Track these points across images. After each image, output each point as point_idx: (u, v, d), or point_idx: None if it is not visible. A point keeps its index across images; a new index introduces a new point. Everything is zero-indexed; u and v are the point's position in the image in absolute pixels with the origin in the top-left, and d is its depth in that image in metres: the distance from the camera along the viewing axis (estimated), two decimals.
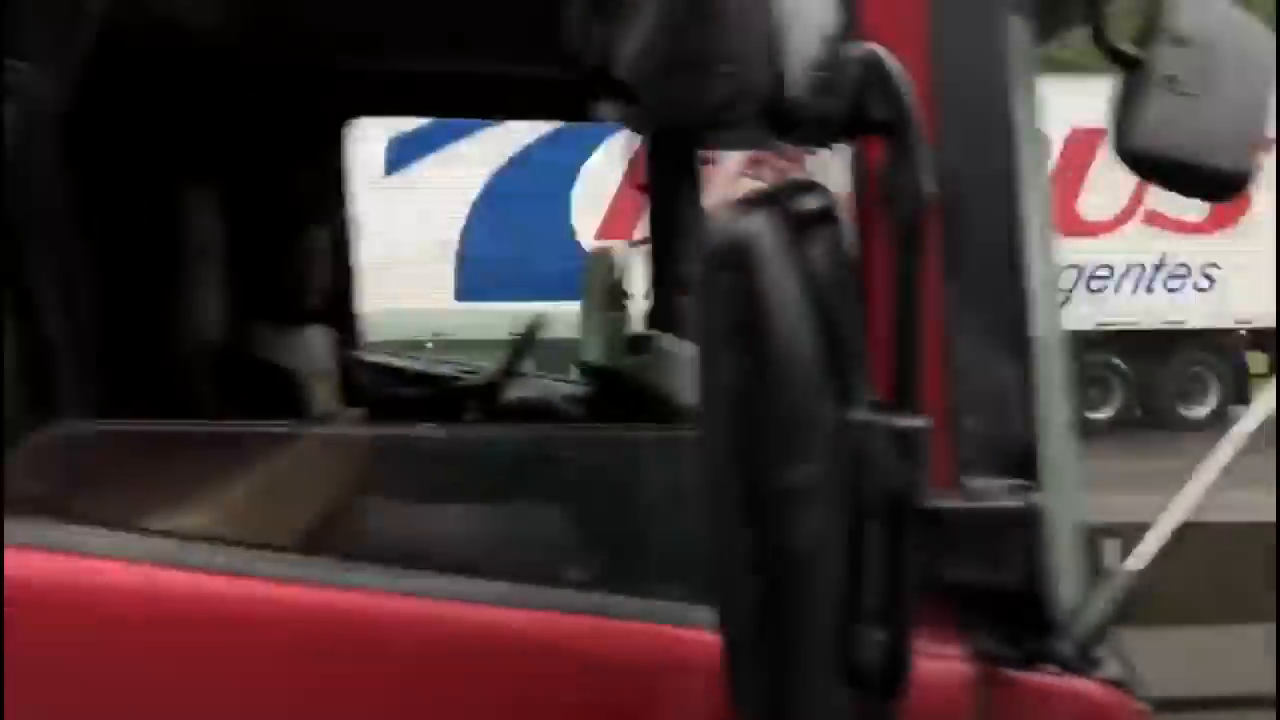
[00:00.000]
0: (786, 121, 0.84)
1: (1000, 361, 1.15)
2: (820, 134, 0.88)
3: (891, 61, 0.89)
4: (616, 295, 3.31)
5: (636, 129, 3.06)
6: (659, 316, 3.15)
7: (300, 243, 2.81)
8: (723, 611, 0.85)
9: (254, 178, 2.80)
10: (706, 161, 3.07)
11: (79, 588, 1.06)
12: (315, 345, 2.88)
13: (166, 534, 1.13)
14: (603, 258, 3.47)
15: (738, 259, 0.83)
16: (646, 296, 3.26)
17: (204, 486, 1.39)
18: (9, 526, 1.05)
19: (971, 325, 1.15)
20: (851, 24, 0.91)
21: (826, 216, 0.91)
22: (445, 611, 1.12)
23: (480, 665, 1.12)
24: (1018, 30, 1.20)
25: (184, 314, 2.47)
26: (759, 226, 0.84)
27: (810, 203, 0.91)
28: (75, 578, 1.06)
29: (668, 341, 2.73)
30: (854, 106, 0.88)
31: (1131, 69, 1.15)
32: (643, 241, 3.37)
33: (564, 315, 3.51)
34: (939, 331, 1.13)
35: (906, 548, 0.91)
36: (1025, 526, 1.11)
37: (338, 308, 2.98)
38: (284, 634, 1.08)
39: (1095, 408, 12.88)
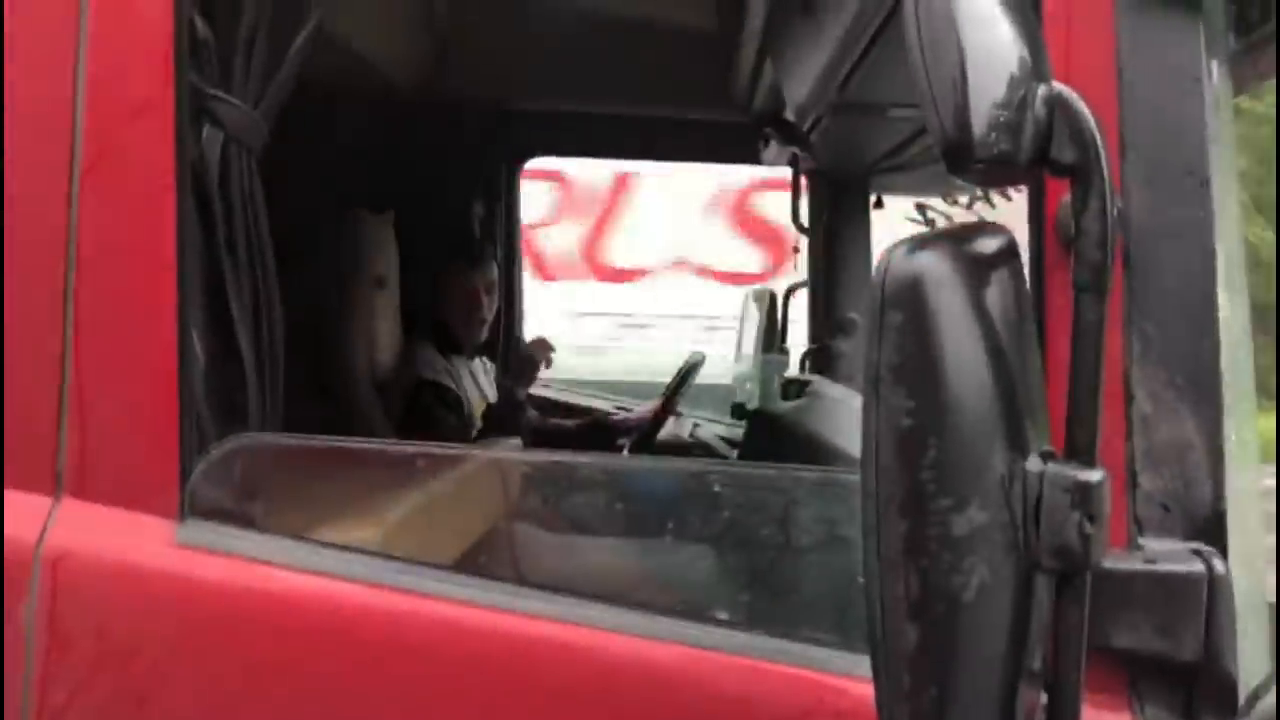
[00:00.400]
0: (969, 161, 0.82)
1: (1185, 417, 1.09)
2: (1004, 175, 0.86)
3: (1079, 103, 0.87)
4: (773, 338, 3.30)
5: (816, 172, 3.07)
6: (818, 361, 3.12)
7: (472, 276, 2.91)
8: (879, 658, 0.83)
9: (427, 211, 2.93)
10: (875, 205, 3.04)
11: (254, 592, 1.11)
12: (480, 376, 2.97)
13: (340, 547, 1.17)
14: (761, 298, 3.47)
15: (911, 295, 0.81)
16: (806, 340, 3.24)
17: (373, 502, 1.44)
18: (193, 529, 1.12)
19: (1155, 377, 1.09)
20: (1040, 65, 0.89)
21: (1005, 258, 0.89)
22: (598, 640, 1.13)
23: (628, 697, 1.12)
24: (1215, 76, 1.16)
25: (361, 338, 2.59)
26: (934, 263, 0.82)
27: (988, 244, 0.88)
28: (252, 583, 1.11)
29: (826, 386, 2.70)
30: (1039, 148, 0.86)
31: None
32: (802, 284, 3.36)
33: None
34: (1120, 382, 1.09)
35: (1079, 607, 0.87)
36: (1206, 594, 1.04)
37: (504, 340, 3.07)
38: (445, 652, 1.11)
39: None
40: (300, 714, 1.09)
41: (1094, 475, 0.84)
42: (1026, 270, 0.93)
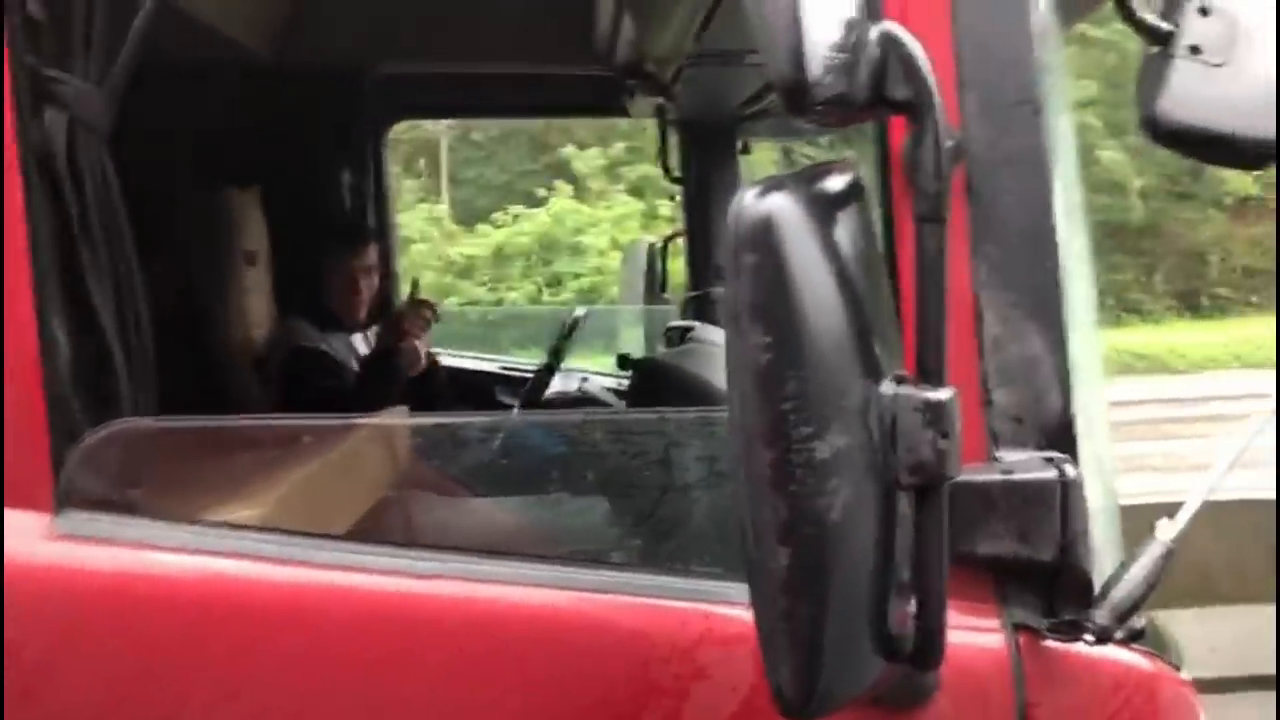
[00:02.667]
0: (808, 103, 0.85)
1: (1031, 334, 1.16)
2: (843, 115, 0.90)
3: (910, 40, 0.91)
4: (654, 287, 3.35)
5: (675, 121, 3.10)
6: (698, 307, 3.17)
7: (350, 260, 2.86)
8: (755, 583, 0.87)
9: (297, 182, 2.87)
10: (743, 151, 3.09)
11: (141, 577, 1.10)
12: (363, 349, 2.94)
13: (222, 525, 1.17)
14: (640, 251, 3.51)
15: (763, 237, 0.85)
16: (685, 288, 3.29)
17: (256, 479, 1.44)
18: (71, 519, 1.10)
19: (1001, 299, 1.16)
20: (875, 6, 0.92)
21: (851, 195, 0.93)
22: (491, 593, 1.15)
23: (526, 645, 1.15)
24: (1044, 6, 1.21)
25: (235, 315, 2.54)
26: (783, 205, 0.86)
27: (835, 182, 0.92)
28: (135, 568, 1.10)
29: (707, 331, 2.75)
30: (875, 87, 0.90)
31: (1157, 41, 1.15)
32: (679, 234, 3.41)
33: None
34: (970, 305, 1.14)
35: (938, 520, 0.92)
36: (1060, 499, 1.12)
37: (379, 310, 3.04)
38: (338, 618, 1.12)
39: None
40: (192, 692, 1.09)
41: (943, 394, 0.90)
42: (875, 205, 0.98)
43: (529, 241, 22.31)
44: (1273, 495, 4.57)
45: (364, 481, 1.82)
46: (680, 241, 3.38)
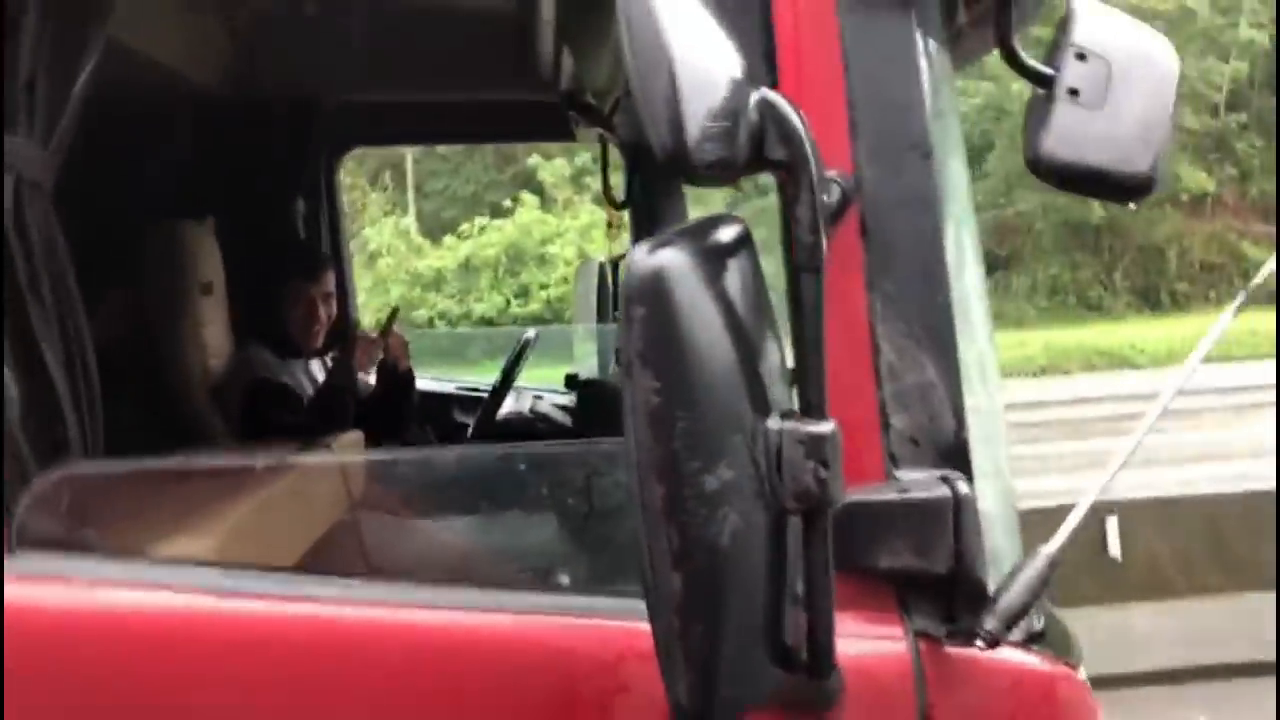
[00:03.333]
0: (690, 168, 0.93)
1: (925, 363, 1.24)
2: (724, 176, 0.98)
3: (786, 105, 0.99)
4: (605, 309, 3.42)
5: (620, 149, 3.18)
6: None
7: (308, 287, 2.92)
8: (651, 606, 0.95)
9: (249, 213, 2.92)
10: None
11: (91, 613, 1.17)
12: (316, 372, 2.99)
13: (174, 561, 1.24)
14: (591, 271, 3.58)
15: (652, 290, 0.93)
16: None
17: (206, 513, 1.50)
18: (25, 560, 1.16)
19: (896, 330, 1.24)
20: (766, 68, 1.00)
21: (739, 245, 1.01)
22: (428, 618, 1.22)
23: (459, 664, 1.21)
24: (932, 56, 1.30)
25: (192, 347, 2.59)
26: (672, 258, 0.94)
27: (724, 234, 1.01)
28: (86, 604, 1.17)
29: None
30: (754, 149, 0.98)
31: (1041, 84, 1.24)
32: (625, 255, 3.48)
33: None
34: (868, 337, 1.23)
35: (822, 539, 1.01)
36: (953, 514, 1.20)
37: (336, 335, 3.09)
38: (283, 647, 1.19)
39: None
40: None
41: (824, 427, 0.98)
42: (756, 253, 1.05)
43: (496, 253, 22.33)
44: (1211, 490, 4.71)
45: (315, 509, 1.89)
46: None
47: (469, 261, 22.33)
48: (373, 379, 2.92)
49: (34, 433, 1.23)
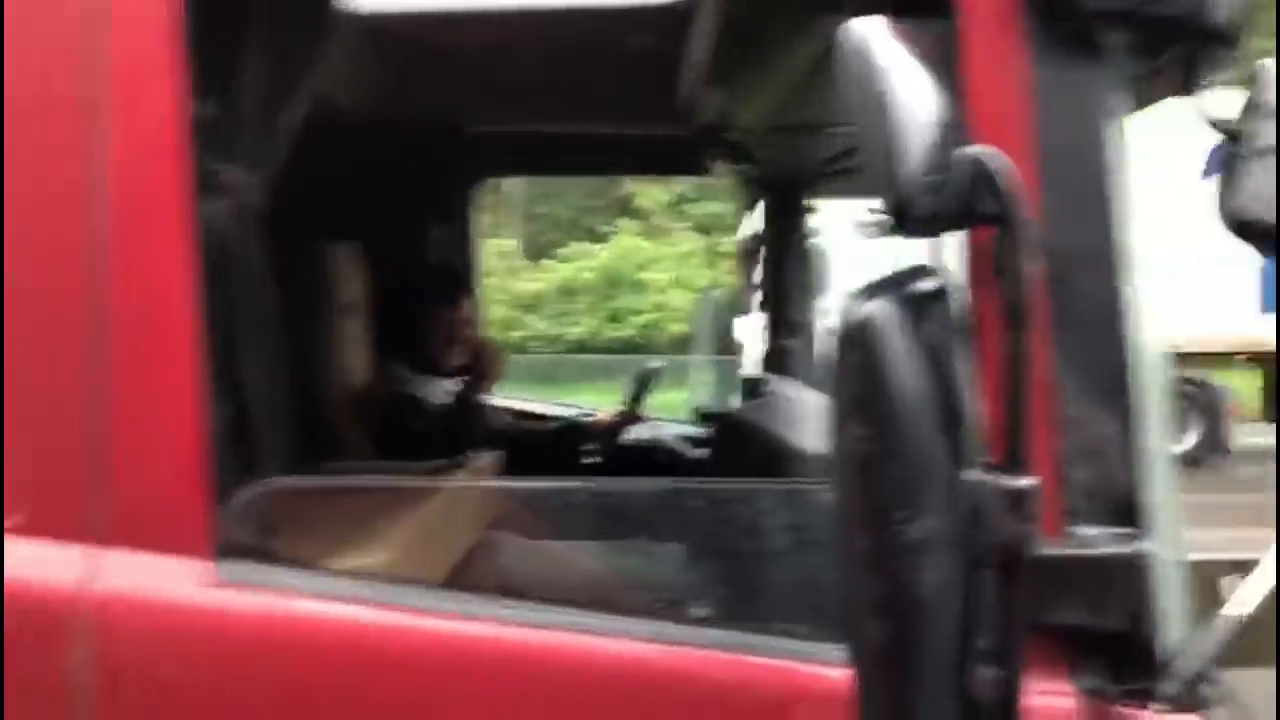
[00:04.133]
0: (909, 221, 0.95)
1: (1104, 418, 1.23)
2: (937, 227, 0.99)
3: (998, 160, 1.00)
4: (727, 340, 3.44)
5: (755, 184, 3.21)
6: (771, 360, 3.26)
7: (453, 312, 3.00)
8: (853, 652, 0.96)
9: (393, 237, 3.01)
10: (816, 210, 3.19)
11: (286, 621, 1.22)
12: (451, 391, 3.07)
13: (357, 574, 1.29)
14: (713, 302, 3.61)
15: (862, 338, 0.95)
16: (761, 341, 3.38)
17: (377, 527, 1.56)
18: (229, 568, 1.22)
19: (1076, 383, 1.23)
20: (962, 126, 1.02)
21: (939, 296, 1.02)
22: (587, 644, 1.25)
23: (620, 694, 1.24)
24: (1116, 111, 1.30)
25: (337, 366, 2.68)
26: (879, 308, 0.96)
27: (925, 284, 1.02)
28: (282, 613, 1.22)
29: (781, 385, 2.84)
30: (965, 203, 0.99)
31: (1232, 139, 1.23)
32: (755, 287, 3.49)
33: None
34: (1048, 390, 1.23)
35: (1017, 594, 1.01)
36: (1130, 572, 1.19)
37: (471, 355, 3.16)
38: (468, 665, 1.22)
39: None
40: None
41: (1025, 482, 0.99)
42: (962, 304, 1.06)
43: (593, 277, 22.54)
44: None
45: (461, 526, 1.94)
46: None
47: (566, 285, 22.57)
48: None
49: (235, 447, 1.29)
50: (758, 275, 3.32)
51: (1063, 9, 1.24)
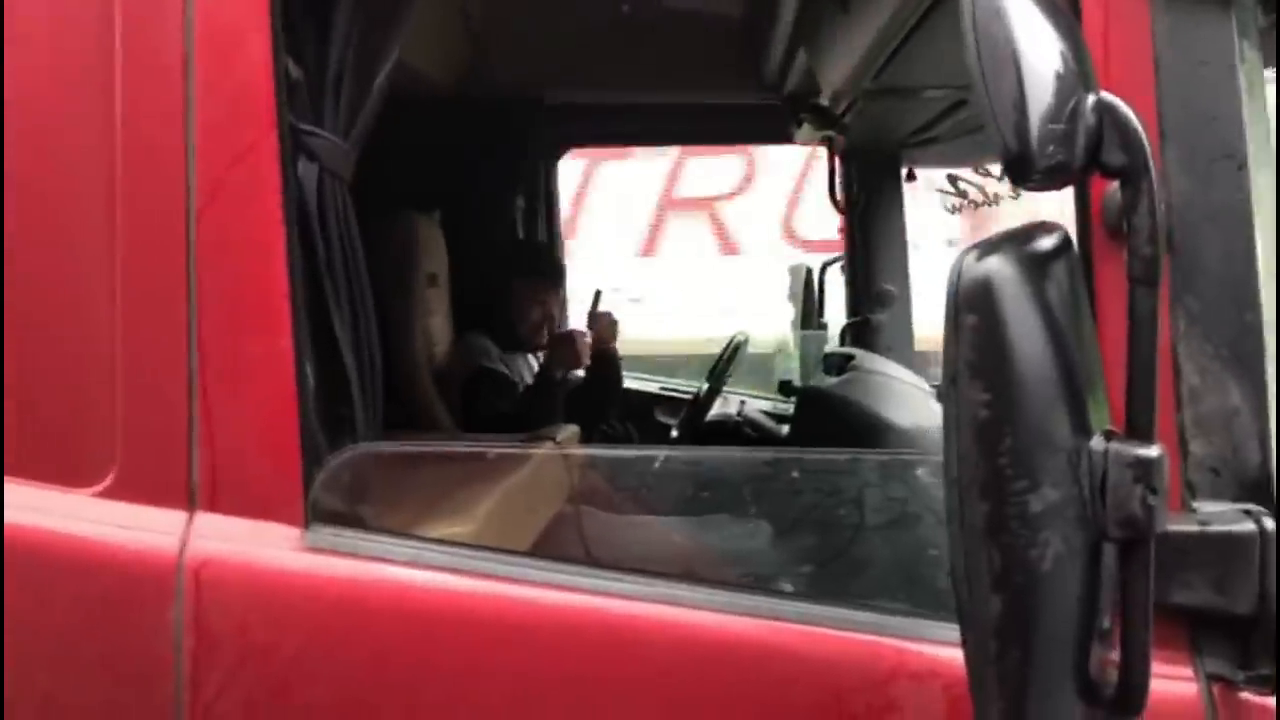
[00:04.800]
0: (1030, 172, 0.90)
1: (1230, 386, 1.17)
2: (1060, 180, 0.94)
3: (1126, 109, 0.94)
4: (812, 313, 3.38)
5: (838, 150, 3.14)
6: (857, 334, 3.20)
7: (549, 296, 2.99)
8: (967, 628, 0.91)
9: (476, 208, 3.01)
10: (908, 178, 3.11)
11: (377, 587, 1.21)
12: (534, 362, 3.06)
13: (448, 543, 1.27)
14: (799, 274, 3.54)
15: (982, 298, 0.89)
16: (846, 314, 3.32)
17: (464, 496, 1.55)
18: (319, 534, 1.21)
19: (1200, 351, 1.17)
20: (1087, 73, 0.96)
21: (1061, 254, 0.97)
22: (693, 617, 1.22)
23: (722, 668, 1.20)
24: (1246, 58, 1.22)
25: (419, 336, 2.69)
26: (1000, 266, 0.90)
27: (1046, 242, 0.96)
28: (374, 579, 1.21)
29: (869, 360, 2.78)
30: (1091, 154, 0.93)
31: None
32: (837, 259, 3.43)
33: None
34: (1169, 357, 1.16)
35: (1144, 573, 0.95)
36: (1259, 551, 1.12)
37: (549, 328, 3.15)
38: (548, 633, 1.20)
39: None
40: (422, 695, 1.19)
41: (1153, 450, 0.93)
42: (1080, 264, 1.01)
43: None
44: None
45: (546, 498, 1.92)
46: (838, 267, 3.41)
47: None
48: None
49: (327, 413, 1.28)
50: (845, 246, 3.25)
51: None
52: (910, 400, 2.34)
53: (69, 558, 1.21)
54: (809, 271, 3.47)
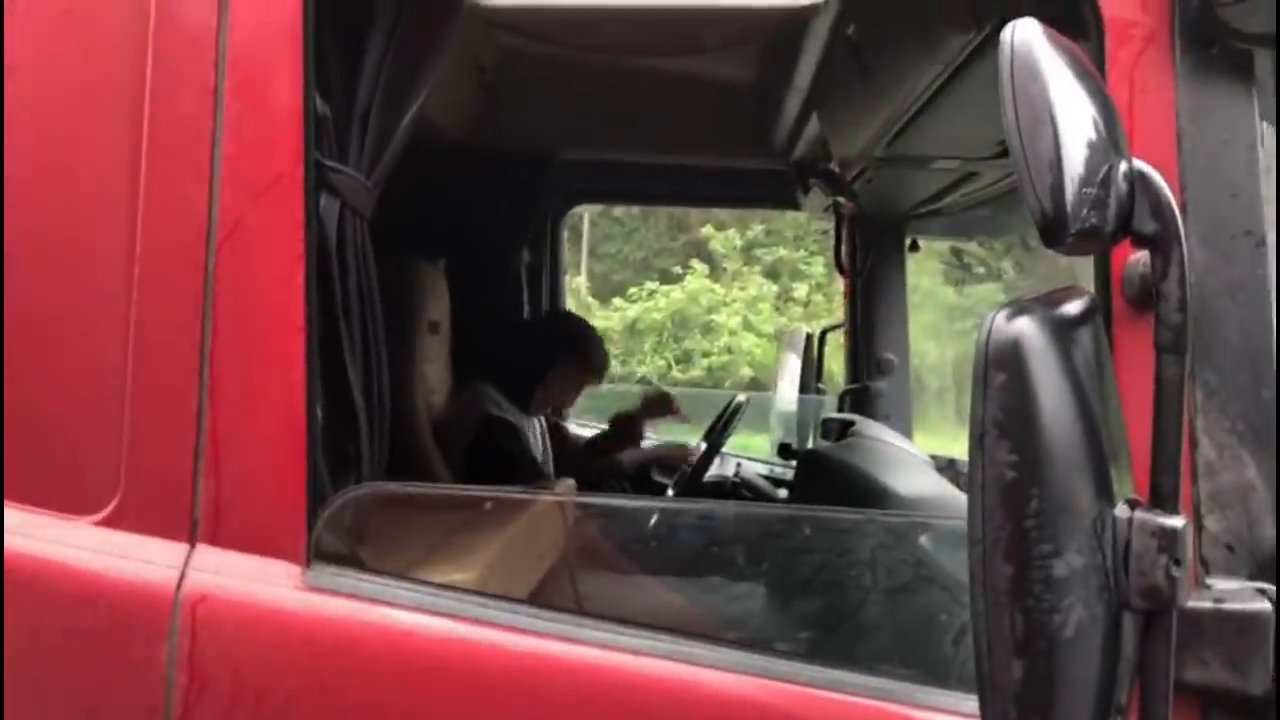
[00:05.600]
0: (1064, 235, 0.90)
1: (1246, 462, 1.16)
2: (1092, 245, 0.94)
3: (1158, 179, 0.95)
4: (811, 378, 3.38)
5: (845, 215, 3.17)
6: (857, 400, 3.19)
7: (587, 377, 3.02)
8: (986, 692, 0.90)
9: (485, 260, 3.02)
10: (911, 248, 3.13)
11: (377, 630, 1.19)
12: (536, 429, 3.05)
13: (448, 588, 1.25)
14: (799, 339, 3.55)
15: (1012, 358, 0.89)
16: (845, 379, 3.31)
17: (464, 542, 1.52)
18: (320, 573, 1.19)
19: (1218, 425, 1.17)
20: (1119, 141, 0.97)
21: (1088, 318, 0.96)
22: (695, 675, 1.19)
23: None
24: (1266, 138, 1.23)
25: (420, 382, 2.67)
26: (1029, 327, 0.90)
27: (1074, 306, 0.96)
28: (373, 621, 1.19)
29: (869, 426, 2.77)
30: (1123, 220, 0.94)
31: None
32: (839, 325, 3.43)
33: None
34: (1186, 430, 1.15)
35: (1165, 645, 0.94)
36: (1271, 631, 1.11)
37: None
38: (553, 688, 1.18)
39: None
40: None
41: (1178, 521, 0.92)
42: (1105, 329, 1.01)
43: (662, 317, 22.57)
44: None
45: (542, 548, 1.89)
46: (839, 334, 3.42)
47: (635, 324, 22.61)
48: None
49: (333, 453, 1.27)
50: (846, 312, 3.26)
51: (1211, 30, 1.19)
52: (910, 468, 2.32)
53: (63, 586, 1.19)
54: (809, 336, 3.48)
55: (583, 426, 3.70)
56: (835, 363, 3.48)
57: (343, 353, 1.31)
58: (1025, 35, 0.91)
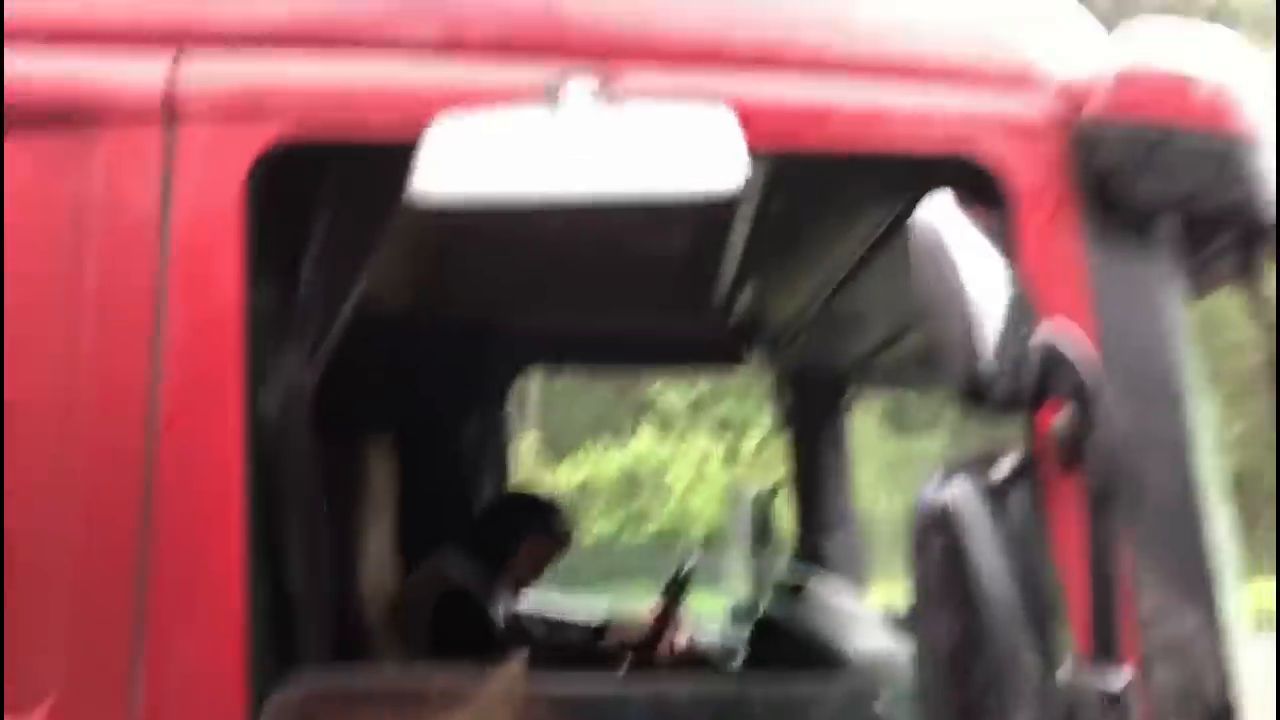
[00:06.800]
0: (983, 405, 0.93)
1: (1186, 612, 1.18)
2: (1011, 410, 0.97)
3: (1072, 341, 0.99)
4: (764, 536, 3.36)
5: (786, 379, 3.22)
6: (806, 558, 3.17)
7: (553, 550, 3.03)
8: None
9: (430, 430, 3.01)
10: (849, 403, 3.17)
11: None
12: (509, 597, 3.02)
13: None
14: (748, 498, 3.54)
15: (943, 524, 0.91)
16: (792, 538, 3.30)
17: None
18: None
19: (1152, 577, 1.18)
20: (1028, 308, 1.01)
21: (1019, 480, 0.99)
22: None
23: None
24: (1175, 298, 1.29)
25: (368, 558, 2.63)
26: (960, 494, 0.93)
27: (1003, 469, 0.99)
28: None
29: (820, 586, 2.75)
30: (1041, 386, 0.97)
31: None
32: (783, 483, 3.44)
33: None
34: (1124, 584, 1.17)
35: None
36: None
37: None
38: None
39: None
40: None
41: (1120, 680, 0.93)
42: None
43: (612, 477, 22.48)
44: None
45: None
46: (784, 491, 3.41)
47: (585, 485, 22.47)
48: None
49: (274, 641, 1.24)
50: (788, 469, 3.27)
51: (1113, 199, 1.26)
52: (863, 629, 2.31)
53: None
54: (759, 495, 3.47)
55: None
56: (787, 518, 3.47)
57: (282, 540, 1.29)
58: (935, 214, 0.96)
